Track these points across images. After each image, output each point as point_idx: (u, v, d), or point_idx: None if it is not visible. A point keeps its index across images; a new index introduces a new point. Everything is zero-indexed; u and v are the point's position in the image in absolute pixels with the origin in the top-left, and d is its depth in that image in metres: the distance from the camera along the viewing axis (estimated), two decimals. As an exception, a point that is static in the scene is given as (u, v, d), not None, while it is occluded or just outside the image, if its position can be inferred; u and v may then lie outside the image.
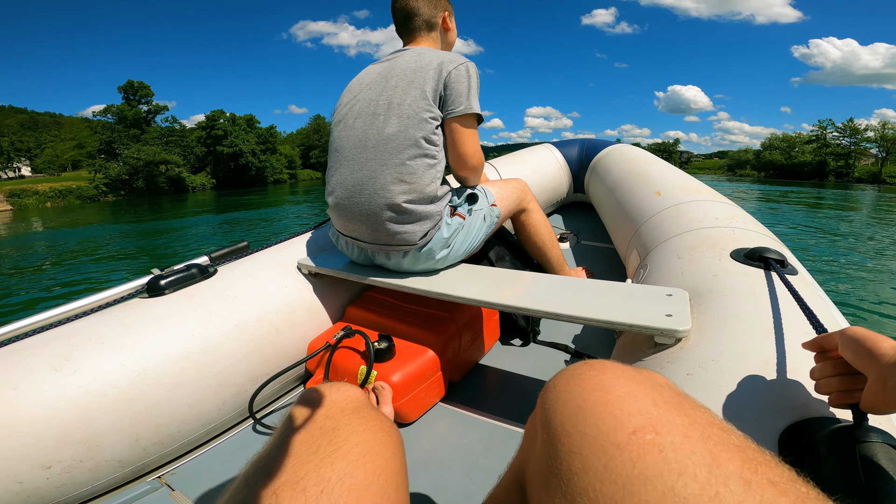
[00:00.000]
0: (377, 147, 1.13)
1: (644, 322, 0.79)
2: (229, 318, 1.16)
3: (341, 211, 1.20)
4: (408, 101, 1.13)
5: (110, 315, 1.08)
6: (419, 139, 1.12)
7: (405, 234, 1.13)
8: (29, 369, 0.90)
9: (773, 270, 0.86)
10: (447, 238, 1.17)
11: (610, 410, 0.38)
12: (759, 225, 1.22)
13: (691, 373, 0.66)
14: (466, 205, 1.27)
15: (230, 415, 1.12)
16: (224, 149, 42.84)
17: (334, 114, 1.28)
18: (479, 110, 1.16)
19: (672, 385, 0.43)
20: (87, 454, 0.88)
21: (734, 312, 0.76)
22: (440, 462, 0.98)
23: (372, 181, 1.13)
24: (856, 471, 0.42)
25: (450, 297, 1.07)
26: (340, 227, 1.25)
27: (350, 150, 1.18)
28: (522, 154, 2.70)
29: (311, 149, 57.33)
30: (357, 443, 0.49)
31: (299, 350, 1.27)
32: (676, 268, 1.03)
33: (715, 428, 0.36)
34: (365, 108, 1.18)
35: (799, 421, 0.51)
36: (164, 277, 1.20)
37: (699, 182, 1.71)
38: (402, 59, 1.20)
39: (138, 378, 0.97)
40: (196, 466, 1.03)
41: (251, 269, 1.33)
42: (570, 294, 0.98)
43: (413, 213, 1.12)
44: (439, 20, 1.32)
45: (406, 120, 1.12)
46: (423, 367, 1.12)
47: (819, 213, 14.09)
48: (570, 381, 0.43)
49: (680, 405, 0.38)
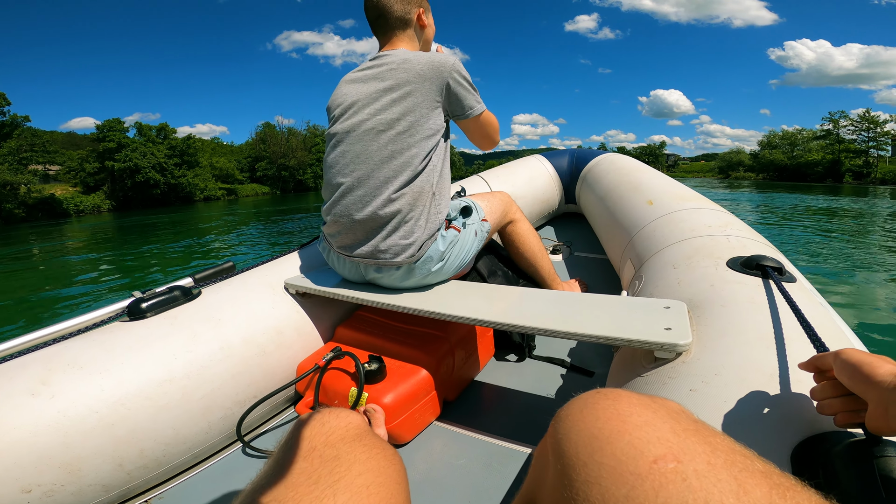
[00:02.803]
0: (373, 161, 1.13)
1: (643, 337, 0.77)
2: (214, 340, 1.13)
3: (337, 225, 1.19)
4: (405, 116, 1.13)
5: (90, 339, 1.06)
6: (417, 152, 1.13)
7: (401, 245, 1.12)
8: (5, 394, 0.88)
9: (770, 279, 0.84)
10: (443, 251, 1.17)
11: (628, 440, 0.37)
12: (753, 232, 1.21)
13: (694, 388, 0.63)
14: (461, 217, 1.27)
15: (217, 438, 1.10)
16: (116, 164, 32.85)
17: (327, 129, 1.26)
18: (484, 104, 1.24)
19: (688, 412, 0.43)
20: (68, 478, 0.87)
21: (734, 323, 0.74)
22: (438, 484, 0.94)
23: (369, 194, 1.13)
24: (875, 487, 0.40)
25: (442, 315, 1.04)
26: (334, 241, 1.23)
27: (345, 165, 1.17)
28: (513, 166, 2.70)
29: (259, 160, 49.21)
30: (360, 473, 0.48)
31: (288, 372, 1.24)
32: (673, 278, 1.02)
33: (738, 454, 0.35)
34: (358, 122, 1.16)
35: (811, 436, 0.49)
36: (145, 300, 1.17)
37: (690, 189, 1.71)
38: (389, 70, 1.17)
39: (119, 402, 0.95)
40: (184, 490, 1.02)
41: (237, 290, 1.30)
42: (565, 309, 0.96)
43: (410, 224, 1.12)
44: (413, 17, 1.27)
45: (403, 134, 1.12)
46: (415, 387, 1.08)
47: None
48: (584, 410, 0.43)
49: (699, 432, 0.38)
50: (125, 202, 34.03)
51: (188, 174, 37.75)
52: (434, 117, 1.16)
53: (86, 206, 31.32)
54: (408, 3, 1.25)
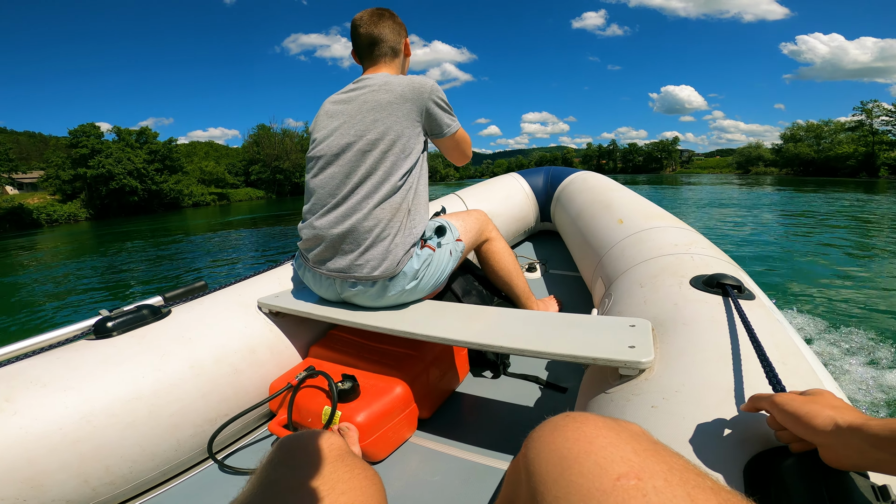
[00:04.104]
0: (355, 179, 1.16)
1: (607, 355, 0.79)
2: (185, 358, 1.13)
3: (315, 240, 1.21)
4: (386, 135, 1.16)
5: (54, 356, 1.05)
6: (396, 170, 1.16)
7: (377, 259, 1.14)
8: None
9: (730, 297, 0.88)
10: (417, 269, 1.19)
11: (594, 459, 0.41)
12: (716, 250, 1.26)
13: (656, 405, 0.66)
14: (436, 237, 1.29)
15: (187, 455, 1.09)
16: (88, 171, 31.52)
17: (310, 150, 1.28)
18: (459, 122, 1.31)
19: (648, 434, 0.47)
20: (31, 493, 0.87)
21: (695, 342, 0.78)
22: (415, 501, 0.95)
23: (349, 210, 1.15)
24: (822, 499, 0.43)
25: (416, 335, 1.06)
26: (311, 257, 1.24)
27: (326, 187, 1.20)
28: (489, 184, 2.74)
29: (253, 163, 48.04)
30: (343, 492, 0.50)
31: (261, 390, 1.23)
32: (639, 297, 1.06)
33: (691, 472, 0.39)
34: (339, 143, 1.19)
35: (763, 451, 0.52)
36: (112, 319, 1.15)
37: (660, 208, 1.77)
38: (371, 92, 1.21)
39: (84, 419, 0.95)
40: None
41: (208, 309, 1.29)
42: (535, 329, 0.99)
43: (387, 240, 1.15)
44: (402, 46, 1.34)
45: (383, 154, 1.16)
46: (389, 405, 1.09)
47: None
48: (554, 432, 0.46)
49: (658, 453, 0.42)
50: (103, 210, 32.74)
51: (170, 180, 36.38)
52: (413, 137, 1.20)
53: (60, 216, 29.86)
54: (398, 33, 1.32)
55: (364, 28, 1.29)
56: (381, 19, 1.29)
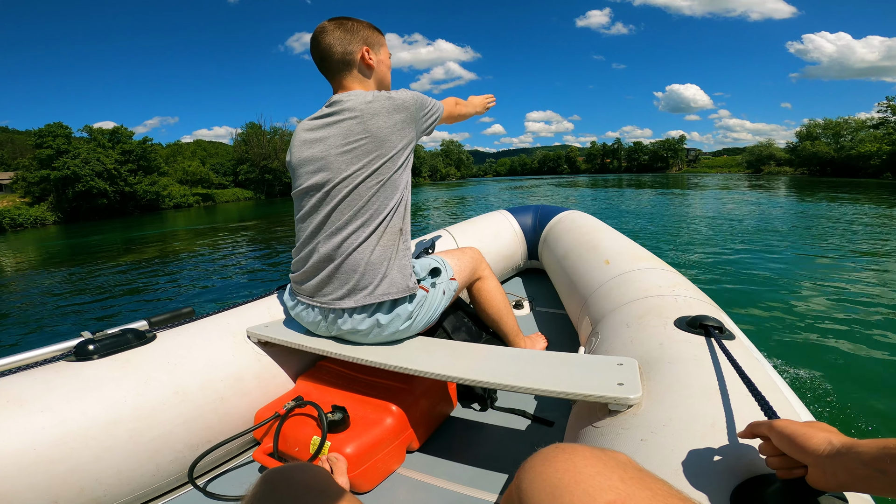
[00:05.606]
0: (349, 212, 1.11)
1: (597, 392, 0.82)
2: (168, 384, 1.12)
3: (309, 272, 1.18)
4: (370, 168, 1.11)
5: (32, 376, 1.04)
6: (384, 198, 1.12)
7: (368, 301, 1.13)
8: None
9: (712, 337, 0.93)
10: (411, 311, 1.18)
11: (583, 488, 0.43)
12: (698, 292, 1.32)
13: (645, 438, 0.68)
14: (430, 277, 1.29)
15: (165, 480, 1.08)
16: (53, 172, 29.81)
17: (294, 187, 1.22)
18: (439, 102, 1.32)
19: (634, 462, 0.49)
20: None
21: (680, 379, 0.81)
22: None
23: (343, 243, 1.12)
24: None
25: (407, 370, 1.07)
26: (302, 291, 1.22)
27: (313, 220, 1.16)
28: (478, 221, 2.79)
29: (241, 162, 45.66)
30: None
31: (246, 418, 1.21)
32: (626, 336, 1.09)
33: (675, 498, 0.42)
34: (324, 178, 1.13)
35: (748, 479, 0.54)
36: (94, 342, 1.14)
37: (645, 250, 1.83)
38: (346, 118, 1.12)
39: (60, 441, 0.94)
40: None
41: (195, 335, 1.28)
42: (525, 366, 1.01)
43: (377, 279, 1.13)
44: (357, 57, 1.18)
45: (369, 178, 1.11)
46: (378, 437, 1.08)
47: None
48: (546, 463, 0.49)
49: (643, 480, 0.44)
50: (72, 214, 30.73)
51: (144, 181, 34.37)
52: (398, 158, 1.14)
53: (26, 220, 27.87)
54: (348, 42, 1.17)
55: (313, 41, 1.19)
56: (330, 30, 1.18)
